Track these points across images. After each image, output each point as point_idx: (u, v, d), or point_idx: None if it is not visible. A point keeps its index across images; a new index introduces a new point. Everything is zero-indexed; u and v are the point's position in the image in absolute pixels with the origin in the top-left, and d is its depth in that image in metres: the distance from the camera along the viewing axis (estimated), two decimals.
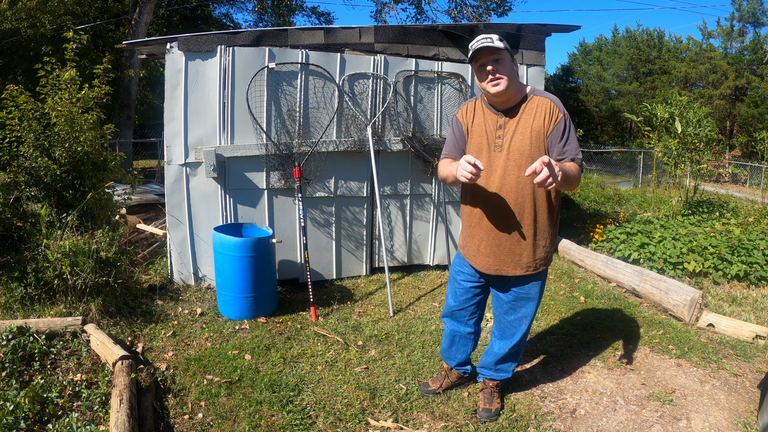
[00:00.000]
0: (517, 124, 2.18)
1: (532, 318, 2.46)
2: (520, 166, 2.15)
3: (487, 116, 2.26)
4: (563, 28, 5.10)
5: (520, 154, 2.15)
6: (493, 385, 2.65)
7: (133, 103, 12.83)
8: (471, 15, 16.20)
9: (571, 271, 5.01)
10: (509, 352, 2.53)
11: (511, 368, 2.63)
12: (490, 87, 2.13)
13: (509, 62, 2.14)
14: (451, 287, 2.61)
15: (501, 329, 2.52)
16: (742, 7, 24.27)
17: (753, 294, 4.41)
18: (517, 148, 2.16)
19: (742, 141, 23.15)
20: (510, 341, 2.49)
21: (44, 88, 4.05)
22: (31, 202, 3.96)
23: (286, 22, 18.11)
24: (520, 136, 2.16)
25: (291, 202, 4.30)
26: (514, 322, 2.44)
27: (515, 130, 2.17)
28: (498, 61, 2.11)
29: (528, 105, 2.19)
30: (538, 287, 2.39)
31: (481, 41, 2.09)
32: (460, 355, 2.70)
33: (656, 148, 7.89)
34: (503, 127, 2.20)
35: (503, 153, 2.19)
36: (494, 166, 2.21)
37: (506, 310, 2.45)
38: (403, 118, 4.52)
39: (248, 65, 3.99)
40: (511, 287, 2.40)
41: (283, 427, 2.47)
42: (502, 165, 2.19)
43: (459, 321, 2.62)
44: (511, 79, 2.13)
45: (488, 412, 2.56)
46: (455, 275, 2.57)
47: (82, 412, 2.45)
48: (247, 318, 3.64)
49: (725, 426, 2.56)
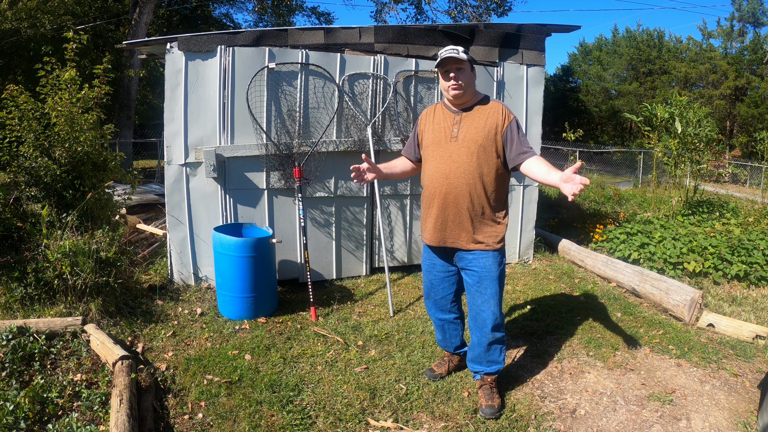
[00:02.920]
0: (471, 120, 2.55)
1: (498, 297, 2.62)
2: (472, 152, 2.50)
3: (446, 115, 2.63)
4: (563, 28, 5.10)
5: (473, 142, 2.51)
6: (490, 380, 2.70)
7: (133, 103, 12.83)
8: (471, 15, 16.21)
9: (571, 271, 5.01)
10: (491, 339, 2.64)
11: (500, 358, 2.70)
12: (451, 90, 2.52)
13: (469, 72, 2.53)
14: (426, 280, 2.83)
15: (473, 316, 2.67)
16: (742, 7, 24.26)
17: (753, 294, 4.41)
18: (470, 138, 2.52)
19: (742, 141, 23.14)
20: (485, 327, 2.62)
21: (44, 88, 4.05)
22: (31, 202, 3.97)
23: (286, 22, 18.10)
24: (474, 129, 2.52)
25: (291, 202, 4.30)
26: (483, 304, 2.60)
27: (469, 125, 2.55)
28: (460, 70, 2.49)
29: (482, 107, 2.57)
30: (496, 265, 2.58)
31: (449, 51, 2.47)
32: (455, 339, 2.94)
33: (656, 148, 7.88)
34: (458, 123, 2.58)
35: (457, 142, 2.54)
36: (449, 152, 2.55)
37: (473, 294, 2.63)
38: (403, 118, 4.52)
39: (248, 65, 3.99)
40: (472, 267, 2.60)
41: (283, 427, 2.47)
42: (456, 152, 2.53)
43: (443, 310, 2.83)
44: (469, 86, 2.53)
45: (492, 408, 2.61)
46: (429, 267, 2.79)
47: (82, 412, 2.46)
48: (247, 318, 3.64)
49: (725, 426, 2.56)
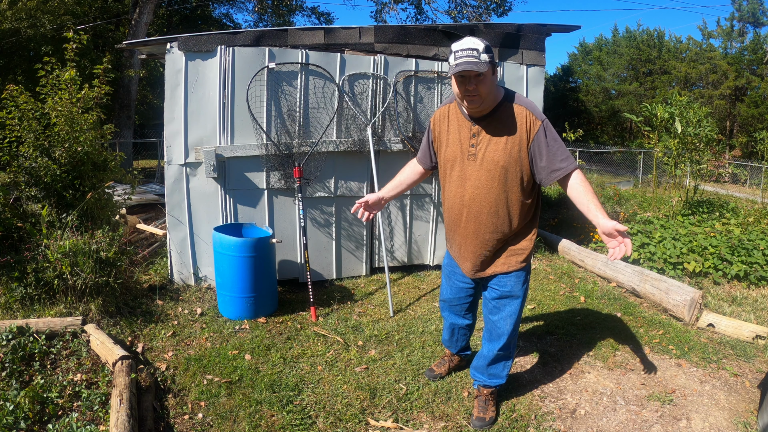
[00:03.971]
0: (492, 133, 2.14)
1: (517, 317, 2.43)
2: (493, 176, 2.15)
3: (461, 123, 2.23)
4: (563, 28, 5.10)
5: (494, 164, 2.14)
6: (487, 393, 2.59)
7: (133, 103, 12.83)
8: (471, 15, 16.20)
9: (571, 271, 5.01)
10: (498, 354, 2.51)
11: (503, 373, 2.57)
12: (467, 101, 2.08)
13: (490, 78, 2.04)
14: (447, 282, 2.69)
15: (489, 330, 2.52)
16: (742, 7, 24.26)
17: (753, 294, 4.41)
18: (491, 158, 2.14)
19: (742, 141, 23.15)
20: (497, 342, 2.47)
21: (44, 88, 4.05)
22: (31, 202, 3.96)
23: (286, 22, 18.10)
24: (494, 146, 2.13)
25: (291, 202, 4.30)
26: (499, 321, 2.43)
27: (489, 140, 2.14)
28: (480, 81, 2.01)
29: (502, 112, 2.14)
30: (520, 285, 2.38)
31: (466, 58, 1.96)
32: (461, 342, 2.88)
33: (656, 148, 7.88)
34: (476, 136, 2.17)
35: (476, 162, 2.17)
36: (468, 175, 2.21)
37: (491, 309, 2.47)
38: (403, 118, 4.52)
39: (248, 65, 3.99)
40: (493, 285, 2.43)
41: (283, 427, 2.47)
42: (476, 174, 2.19)
43: (457, 314, 2.73)
44: (489, 93, 2.06)
45: (482, 421, 2.52)
46: (449, 274, 2.64)
47: (82, 412, 2.46)
48: (247, 318, 3.64)
49: (725, 426, 2.56)
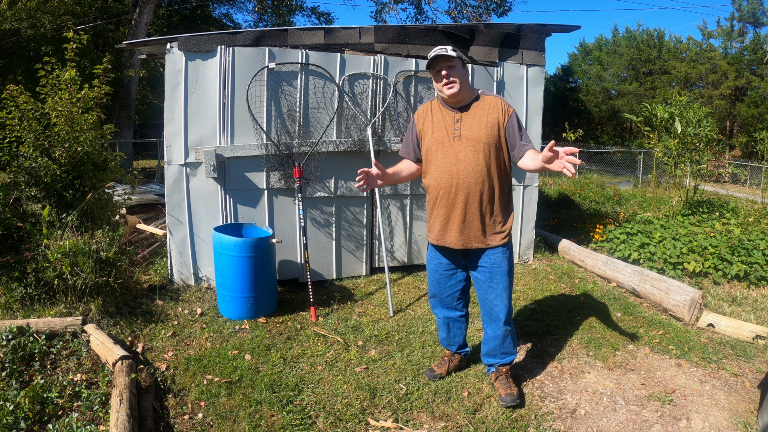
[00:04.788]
0: (472, 118, 2.52)
1: (509, 292, 2.68)
2: (478, 150, 2.49)
3: (445, 114, 2.59)
4: (563, 28, 5.10)
5: (477, 141, 2.49)
6: (505, 371, 2.79)
7: (133, 103, 12.83)
8: (471, 15, 16.21)
9: (571, 271, 5.01)
10: (505, 330, 2.70)
11: (514, 349, 2.78)
12: (446, 89, 2.48)
13: (461, 68, 2.49)
14: (432, 278, 2.83)
15: (487, 312, 2.72)
16: (742, 7, 24.27)
17: (753, 294, 4.41)
18: (473, 136, 2.50)
19: (742, 141, 23.15)
20: (500, 320, 2.68)
21: (44, 88, 4.05)
22: (31, 202, 3.97)
23: (286, 22, 18.10)
24: (476, 127, 2.50)
25: (291, 202, 4.30)
26: (495, 299, 2.65)
27: (471, 123, 2.52)
28: (451, 68, 2.45)
29: (480, 103, 2.55)
30: (505, 258, 2.63)
31: (437, 51, 2.45)
32: (458, 338, 2.94)
33: (656, 148, 7.89)
34: (460, 121, 2.54)
35: (461, 141, 2.52)
36: (455, 151, 2.54)
37: (485, 290, 2.67)
38: (403, 118, 4.52)
39: (248, 65, 3.99)
40: (482, 264, 2.64)
41: (283, 427, 2.47)
42: (462, 151, 2.52)
43: (448, 307, 2.84)
44: (463, 82, 2.49)
45: (511, 396, 2.66)
46: (434, 267, 2.79)
47: (82, 412, 2.46)
48: (247, 318, 3.64)
49: (725, 426, 2.56)
